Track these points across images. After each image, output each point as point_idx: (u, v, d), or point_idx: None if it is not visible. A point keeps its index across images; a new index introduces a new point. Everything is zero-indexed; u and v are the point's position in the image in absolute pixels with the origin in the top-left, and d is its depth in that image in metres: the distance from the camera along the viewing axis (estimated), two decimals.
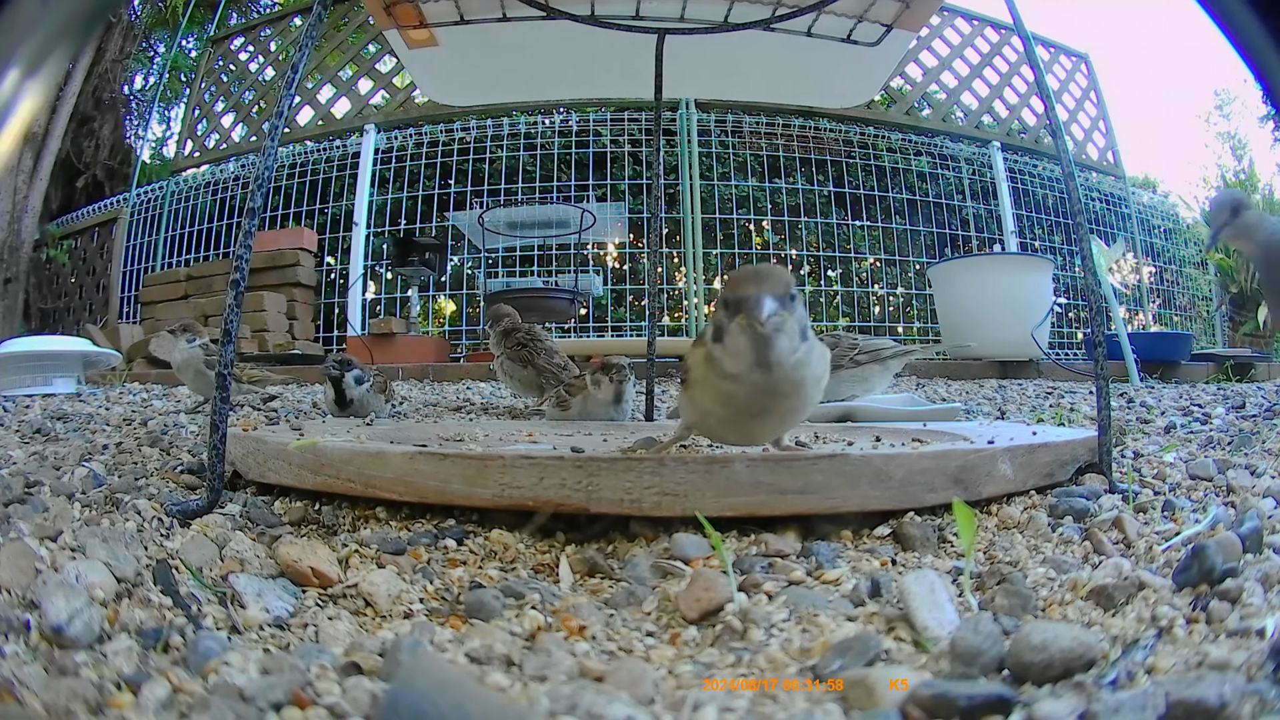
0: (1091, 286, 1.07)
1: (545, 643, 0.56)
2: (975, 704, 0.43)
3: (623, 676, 0.49)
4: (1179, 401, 2.40)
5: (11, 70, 0.33)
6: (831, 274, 5.86)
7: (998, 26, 6.00)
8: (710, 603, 0.60)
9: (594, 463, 0.78)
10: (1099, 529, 0.80)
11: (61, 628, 0.51)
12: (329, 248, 5.89)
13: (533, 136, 5.77)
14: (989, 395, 2.81)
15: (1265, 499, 0.87)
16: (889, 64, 1.94)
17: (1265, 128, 8.85)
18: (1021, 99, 6.12)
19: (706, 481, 0.76)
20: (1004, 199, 5.84)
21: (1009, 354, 4.10)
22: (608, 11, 1.66)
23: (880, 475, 0.80)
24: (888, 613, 0.59)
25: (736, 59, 1.90)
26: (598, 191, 5.75)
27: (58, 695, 0.43)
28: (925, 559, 0.75)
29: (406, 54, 1.82)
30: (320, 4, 1.04)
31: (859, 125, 5.83)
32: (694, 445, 1.18)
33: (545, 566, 0.76)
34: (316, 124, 5.94)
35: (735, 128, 5.67)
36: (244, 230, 0.91)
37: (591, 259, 5.97)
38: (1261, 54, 0.42)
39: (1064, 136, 1.15)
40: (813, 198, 5.76)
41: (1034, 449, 0.94)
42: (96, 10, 0.37)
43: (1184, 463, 1.11)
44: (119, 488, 0.97)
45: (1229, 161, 10.20)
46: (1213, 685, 0.41)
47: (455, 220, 5.45)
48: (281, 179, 5.74)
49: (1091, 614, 0.59)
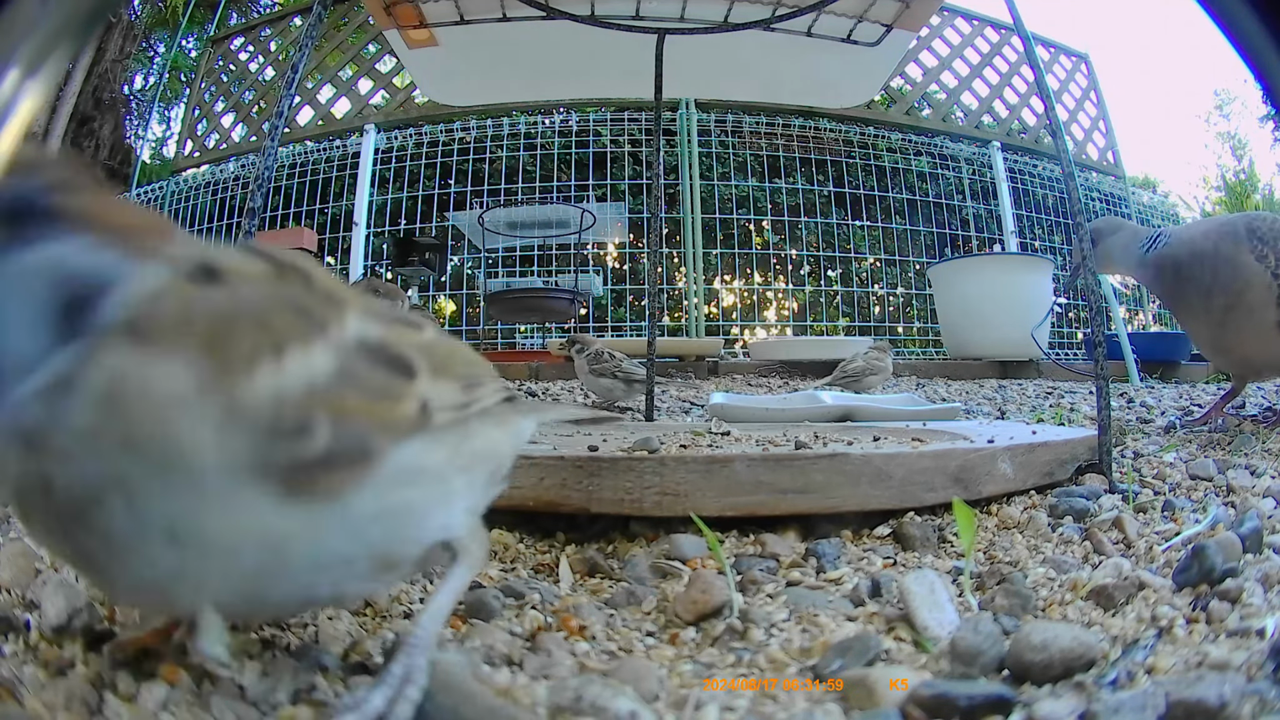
0: (1091, 286, 1.07)
1: (546, 643, 0.56)
2: (975, 704, 0.43)
3: (626, 674, 0.49)
4: (1179, 401, 2.40)
5: (11, 70, 0.33)
6: (831, 274, 5.86)
7: (998, 26, 6.00)
8: (709, 603, 0.60)
9: (594, 463, 0.78)
10: (1099, 529, 0.80)
11: (61, 628, 0.51)
12: (329, 248, 5.88)
13: (533, 136, 5.77)
14: (989, 395, 2.81)
15: (1265, 499, 0.87)
16: (889, 64, 1.94)
17: (1265, 128, 8.85)
18: (1021, 99, 6.11)
19: (706, 481, 0.76)
20: (1004, 199, 5.84)
21: (1009, 354, 4.10)
22: (608, 11, 1.66)
23: (880, 475, 0.80)
24: (888, 613, 0.59)
25: (736, 59, 1.90)
26: (598, 191, 5.74)
27: (57, 695, 0.43)
28: (925, 559, 0.75)
29: (406, 54, 1.82)
30: (320, 4, 1.04)
31: (859, 125, 5.83)
32: (694, 445, 1.18)
33: (545, 566, 0.76)
34: (316, 124, 5.94)
35: (735, 128, 5.67)
36: (244, 230, 0.92)
37: (591, 259, 5.96)
38: (1261, 54, 0.42)
39: (1064, 136, 1.15)
40: (813, 198, 5.76)
41: (1034, 448, 0.94)
42: (96, 10, 0.37)
43: (1184, 463, 1.11)
44: None
45: (1229, 161, 10.20)
46: (1213, 685, 0.41)
47: (455, 220, 5.45)
48: (281, 179, 5.73)
49: (1091, 614, 0.59)
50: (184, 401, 0.32)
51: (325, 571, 0.38)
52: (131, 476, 0.32)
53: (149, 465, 0.32)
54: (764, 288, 5.98)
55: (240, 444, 0.33)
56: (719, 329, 5.48)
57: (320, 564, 0.37)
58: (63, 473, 0.33)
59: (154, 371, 0.32)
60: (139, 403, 0.32)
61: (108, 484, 0.32)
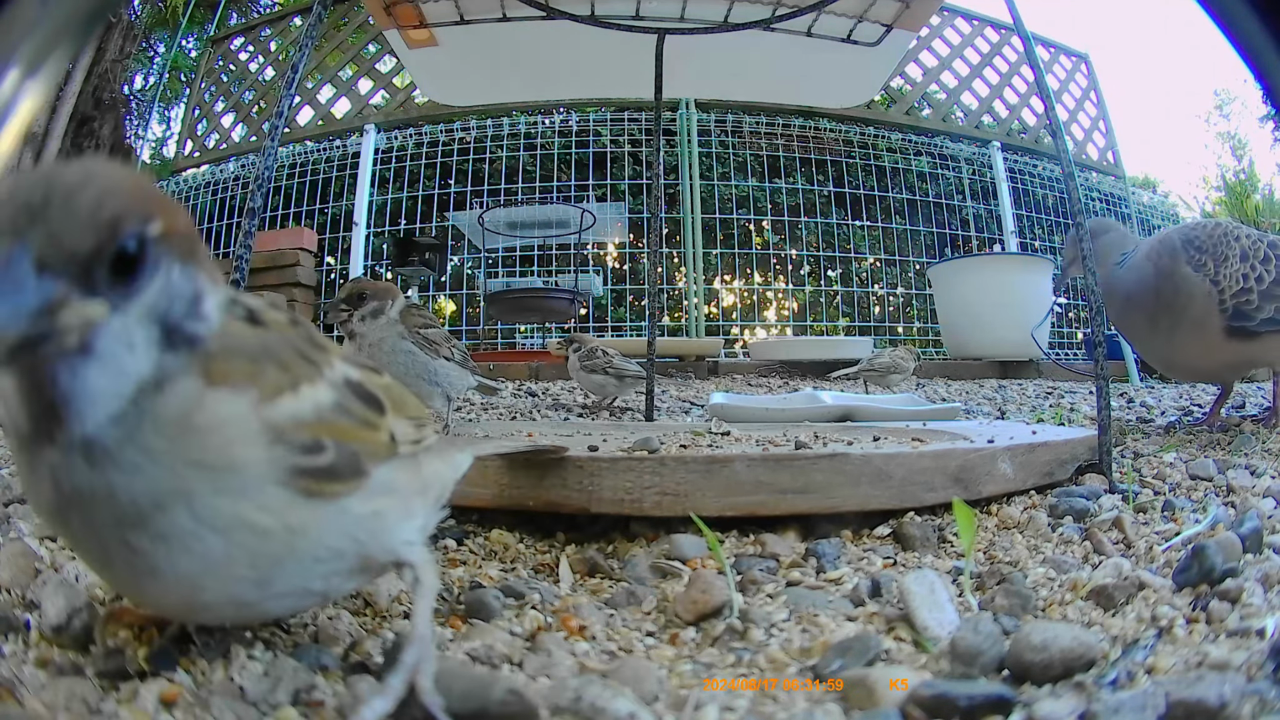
0: (1091, 286, 1.07)
1: (546, 643, 0.56)
2: (975, 704, 0.43)
3: (625, 674, 0.49)
4: (1179, 401, 2.40)
5: (11, 70, 0.33)
6: (831, 274, 5.86)
7: (998, 26, 6.00)
8: (709, 604, 0.60)
9: (594, 463, 0.78)
10: (1099, 529, 0.80)
11: (61, 627, 0.51)
12: (329, 248, 5.88)
13: (533, 136, 5.77)
14: (989, 395, 2.81)
15: (1265, 499, 0.87)
16: (889, 64, 1.94)
17: (1265, 128, 8.83)
18: (1021, 99, 6.12)
19: (706, 481, 0.76)
20: (1004, 199, 5.84)
21: (1009, 354, 4.10)
22: (608, 11, 1.66)
23: (880, 475, 0.80)
24: (888, 613, 0.59)
25: (736, 59, 1.90)
26: (598, 191, 5.74)
27: (58, 695, 0.43)
28: (925, 559, 0.75)
29: (406, 54, 1.82)
30: (320, 4, 1.04)
31: (859, 125, 5.83)
32: (694, 445, 1.18)
33: (545, 566, 0.76)
34: (316, 124, 5.94)
35: (735, 128, 5.67)
36: (244, 230, 0.92)
37: (591, 259, 5.96)
38: (1261, 54, 0.42)
39: (1064, 136, 1.15)
40: (813, 198, 5.76)
41: (1034, 448, 0.94)
42: (96, 10, 0.37)
43: (1184, 463, 1.11)
44: None
45: (1229, 161, 10.18)
46: (1213, 685, 0.41)
47: (455, 220, 5.45)
48: (281, 179, 5.73)
49: (1091, 614, 0.59)
50: (242, 423, 0.40)
51: (322, 563, 0.45)
52: (196, 483, 0.39)
53: (213, 474, 0.39)
54: (764, 288, 5.98)
55: (276, 456, 0.41)
56: (719, 329, 5.48)
57: (319, 556, 0.45)
58: (128, 482, 0.38)
59: (223, 400, 0.40)
60: (211, 425, 0.39)
61: (173, 490, 0.39)
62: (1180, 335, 1.45)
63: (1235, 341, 1.42)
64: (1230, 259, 1.42)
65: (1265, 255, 1.42)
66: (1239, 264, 1.41)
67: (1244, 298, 1.39)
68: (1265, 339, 1.42)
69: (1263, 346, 1.44)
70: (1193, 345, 1.39)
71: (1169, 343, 1.47)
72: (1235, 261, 1.41)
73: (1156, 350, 1.53)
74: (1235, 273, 1.40)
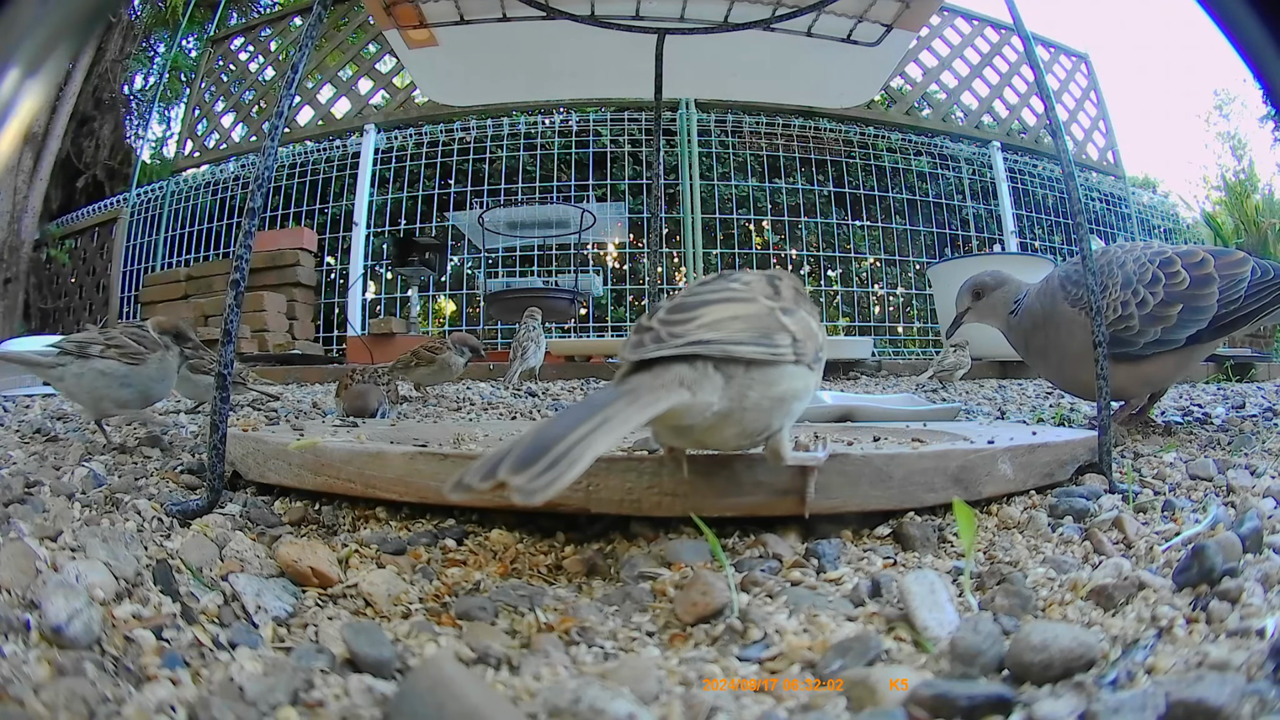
0: (1091, 286, 1.07)
1: (544, 643, 0.56)
2: (975, 704, 0.43)
3: (624, 675, 0.49)
4: (1179, 401, 2.40)
5: (11, 70, 0.33)
6: (831, 274, 5.86)
7: (998, 26, 6.00)
8: (709, 604, 0.60)
9: (594, 462, 0.78)
10: (1099, 529, 0.80)
11: (61, 628, 0.51)
12: (329, 248, 5.89)
13: (533, 136, 5.77)
14: (989, 395, 2.81)
15: (1265, 499, 0.87)
16: (889, 64, 1.94)
17: (1265, 128, 8.84)
18: (1021, 99, 6.12)
19: (706, 482, 0.76)
20: (1004, 199, 5.85)
21: (1009, 354, 4.10)
22: (608, 11, 1.66)
23: (880, 475, 0.80)
24: (888, 613, 0.59)
25: (736, 59, 1.90)
26: (598, 191, 5.75)
27: (57, 695, 0.43)
28: (925, 559, 0.75)
29: (406, 54, 1.83)
30: (320, 4, 1.04)
31: (859, 125, 5.83)
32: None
33: (545, 566, 0.76)
34: (316, 124, 5.94)
35: (735, 128, 5.67)
36: (244, 230, 0.91)
37: (591, 259, 5.97)
38: (1261, 54, 0.42)
39: (1064, 136, 1.15)
40: (813, 198, 5.76)
41: (1034, 449, 0.94)
42: (96, 10, 0.37)
43: (1184, 463, 1.11)
44: (119, 488, 0.97)
45: (1229, 161, 10.19)
46: (1213, 685, 0.41)
47: (455, 220, 5.45)
48: (281, 179, 5.74)
49: (1091, 614, 0.59)
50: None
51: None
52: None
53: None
54: None
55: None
56: None
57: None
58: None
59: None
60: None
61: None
62: (1072, 367, 1.46)
63: (1125, 365, 1.41)
64: (1110, 288, 1.41)
65: (1154, 277, 1.40)
66: (1119, 292, 1.40)
67: (1121, 325, 1.39)
68: (1156, 360, 1.41)
69: (1155, 366, 1.43)
70: (1087, 373, 1.40)
71: (1073, 374, 1.48)
72: (1115, 290, 1.41)
73: (1068, 381, 1.55)
74: (1115, 301, 1.40)
